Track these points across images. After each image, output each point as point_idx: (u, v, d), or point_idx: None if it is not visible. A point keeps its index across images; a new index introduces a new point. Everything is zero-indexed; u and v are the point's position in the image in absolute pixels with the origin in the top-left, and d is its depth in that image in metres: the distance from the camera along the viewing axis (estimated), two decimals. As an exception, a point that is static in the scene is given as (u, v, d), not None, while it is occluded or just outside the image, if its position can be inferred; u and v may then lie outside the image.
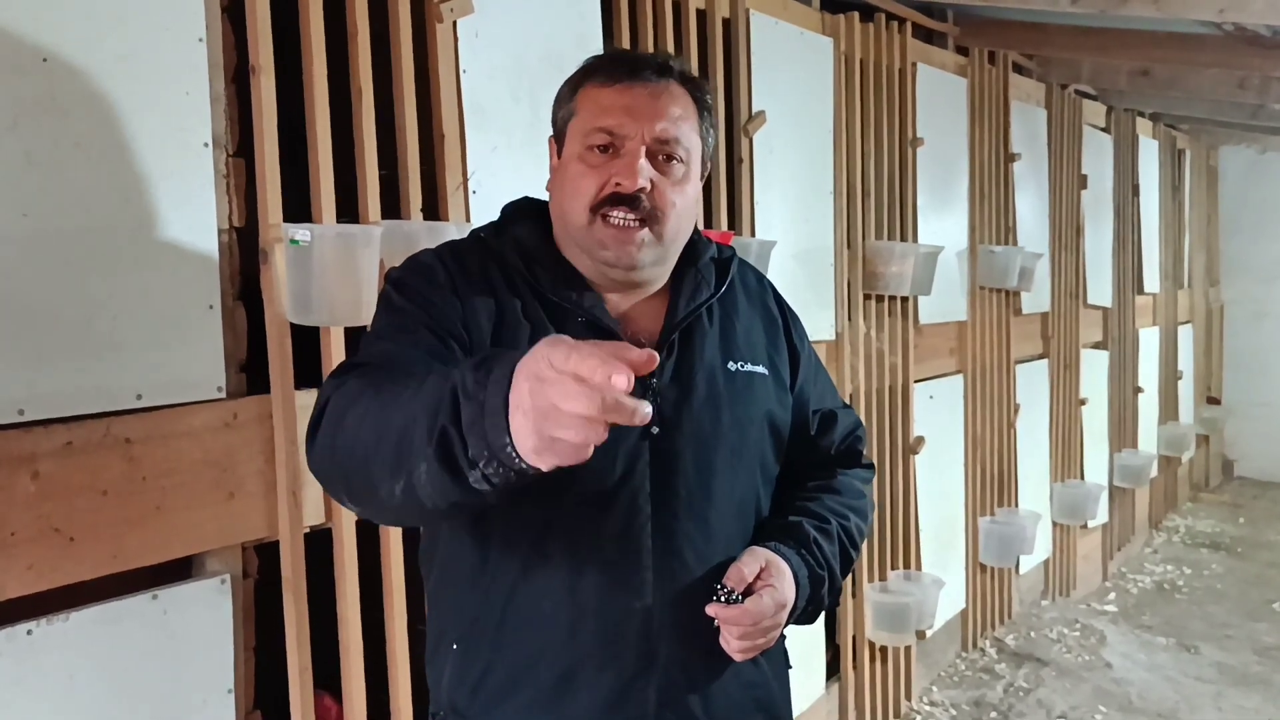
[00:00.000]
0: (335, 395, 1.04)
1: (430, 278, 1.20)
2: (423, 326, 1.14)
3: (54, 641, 1.47)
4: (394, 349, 1.10)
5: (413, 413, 0.91)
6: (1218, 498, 6.99)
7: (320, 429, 1.05)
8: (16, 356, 1.43)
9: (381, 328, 1.18)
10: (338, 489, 1.05)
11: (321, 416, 1.05)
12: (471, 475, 0.86)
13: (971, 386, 4.02)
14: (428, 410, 0.89)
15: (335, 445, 1.01)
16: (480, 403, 0.84)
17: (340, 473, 1.02)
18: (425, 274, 1.21)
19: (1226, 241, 7.41)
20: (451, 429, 0.86)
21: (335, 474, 1.03)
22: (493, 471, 0.85)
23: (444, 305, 1.17)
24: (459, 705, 1.24)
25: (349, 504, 1.05)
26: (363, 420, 0.97)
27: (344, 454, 0.99)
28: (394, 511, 1.00)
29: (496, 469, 0.85)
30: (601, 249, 1.19)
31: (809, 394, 1.40)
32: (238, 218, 1.72)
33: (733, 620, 1.16)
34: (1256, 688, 3.90)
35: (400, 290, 1.19)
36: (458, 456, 0.86)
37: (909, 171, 3.56)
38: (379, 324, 1.19)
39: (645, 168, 1.17)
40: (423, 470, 0.89)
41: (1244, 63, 3.73)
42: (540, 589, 1.18)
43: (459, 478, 0.87)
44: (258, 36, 1.72)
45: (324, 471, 1.05)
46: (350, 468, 0.99)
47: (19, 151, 1.43)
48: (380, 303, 1.22)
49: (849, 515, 1.34)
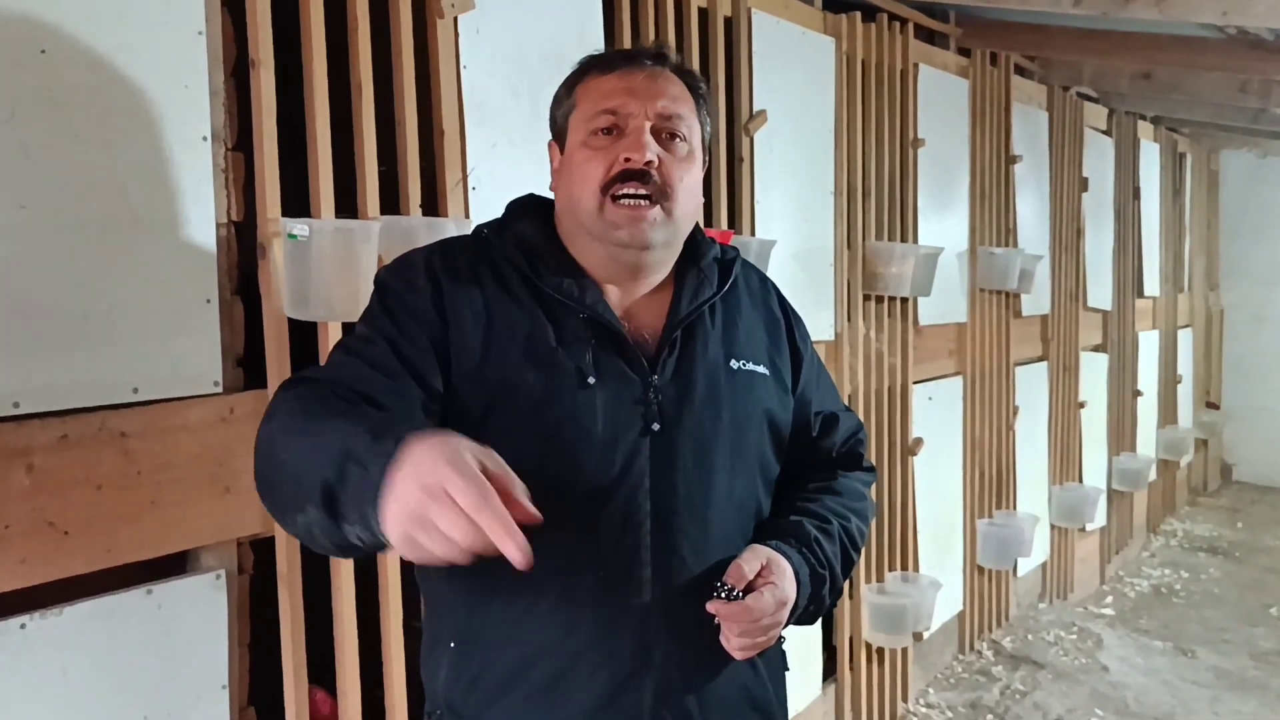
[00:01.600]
0: (277, 411, 1.09)
1: (412, 282, 1.21)
2: (384, 340, 1.16)
3: (47, 636, 1.46)
4: (346, 366, 1.15)
5: (316, 459, 0.96)
6: (1216, 502, 6.99)
7: (261, 434, 1.10)
8: (12, 349, 1.42)
9: (351, 337, 1.21)
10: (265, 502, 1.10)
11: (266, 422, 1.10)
12: (347, 530, 0.93)
13: (970, 388, 4.02)
14: (329, 461, 0.94)
15: (260, 468, 1.08)
16: (364, 472, 0.90)
17: (265, 491, 1.08)
18: (408, 278, 1.22)
19: (1227, 246, 7.40)
20: (336, 488, 0.93)
21: (262, 490, 1.09)
22: (362, 534, 0.92)
23: (419, 315, 1.18)
24: (455, 703, 1.23)
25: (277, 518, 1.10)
26: (281, 452, 1.03)
27: (265, 478, 1.07)
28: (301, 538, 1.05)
29: (366, 535, 0.91)
30: (615, 229, 1.19)
31: (811, 395, 1.39)
32: (236, 212, 1.71)
33: (733, 617, 1.15)
34: (1253, 692, 3.89)
35: (381, 295, 1.22)
36: (338, 511, 0.93)
37: (910, 172, 3.55)
38: (355, 333, 1.22)
39: (651, 142, 1.19)
40: (311, 513, 0.96)
41: (1246, 66, 3.73)
42: (537, 586, 1.17)
43: (338, 528, 0.94)
44: (258, 30, 1.72)
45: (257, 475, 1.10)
46: (269, 491, 1.06)
47: (16, 143, 1.42)
48: (367, 307, 1.24)
49: (850, 516, 1.33)
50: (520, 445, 1.16)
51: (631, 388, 1.19)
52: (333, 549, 1.01)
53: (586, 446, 1.17)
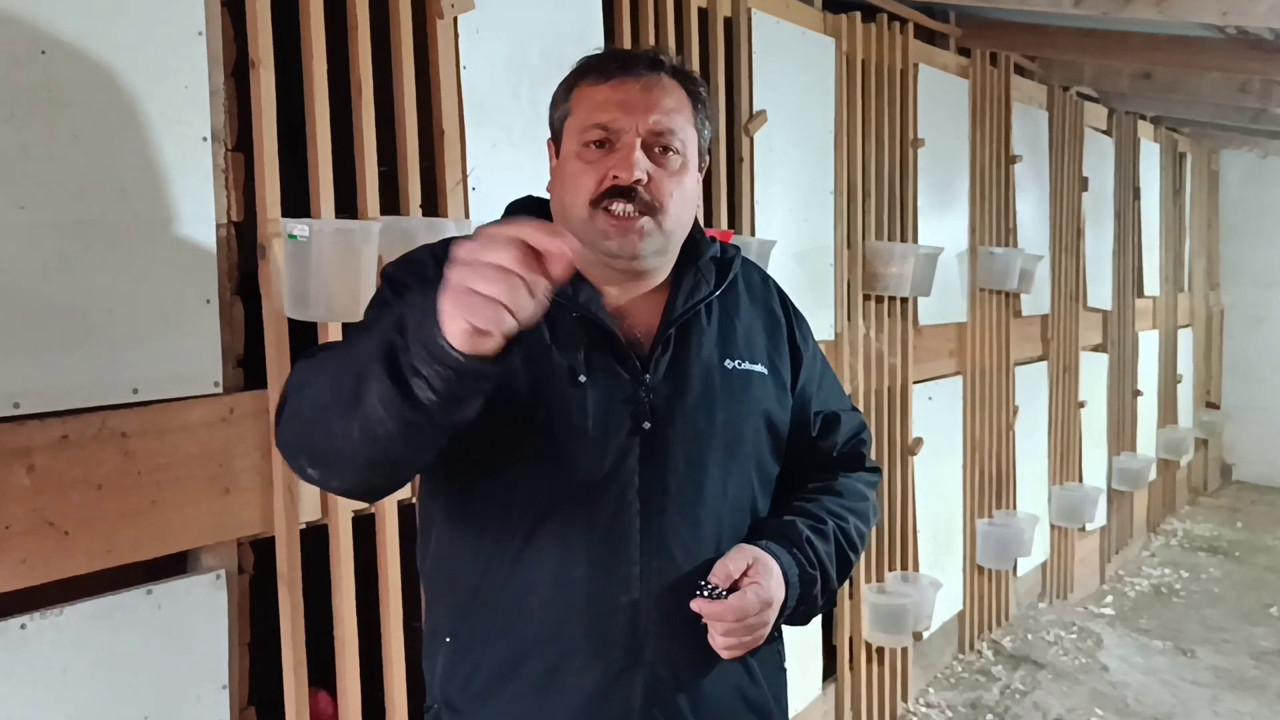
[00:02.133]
0: (300, 367, 1.09)
1: (420, 274, 1.21)
2: None
3: (47, 636, 1.46)
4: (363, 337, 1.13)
5: (366, 346, 0.96)
6: (1216, 502, 6.99)
7: (286, 403, 1.09)
8: (12, 349, 1.42)
9: (365, 321, 1.20)
10: (299, 454, 1.07)
11: (287, 393, 1.09)
12: (415, 383, 0.91)
13: (970, 388, 4.02)
14: (378, 342, 0.94)
15: (299, 410, 1.05)
16: (421, 314, 0.90)
17: (302, 432, 1.05)
18: (416, 270, 1.22)
19: (1227, 246, 7.41)
20: (396, 339, 0.92)
21: (297, 435, 1.06)
22: (432, 374, 0.90)
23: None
24: (452, 699, 1.24)
25: (310, 470, 1.07)
26: (321, 374, 1.02)
27: (305, 412, 1.03)
28: (354, 459, 1.01)
29: (434, 369, 0.89)
30: (604, 240, 1.19)
31: (811, 395, 1.39)
32: (236, 212, 1.71)
33: (716, 616, 1.16)
34: (1253, 692, 3.89)
35: (391, 286, 1.21)
36: (402, 366, 0.91)
37: (910, 172, 3.55)
38: (365, 318, 1.21)
39: (641, 160, 1.18)
40: (374, 391, 0.93)
41: (1246, 66, 3.73)
42: (529, 583, 1.19)
43: (406, 391, 0.91)
44: (257, 30, 1.72)
45: (287, 439, 1.08)
46: (311, 422, 1.03)
47: (16, 143, 1.42)
48: (373, 298, 1.24)
49: (848, 517, 1.33)
50: (511, 441, 1.17)
51: (623, 386, 1.20)
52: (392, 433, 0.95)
53: (577, 444, 1.17)
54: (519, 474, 1.17)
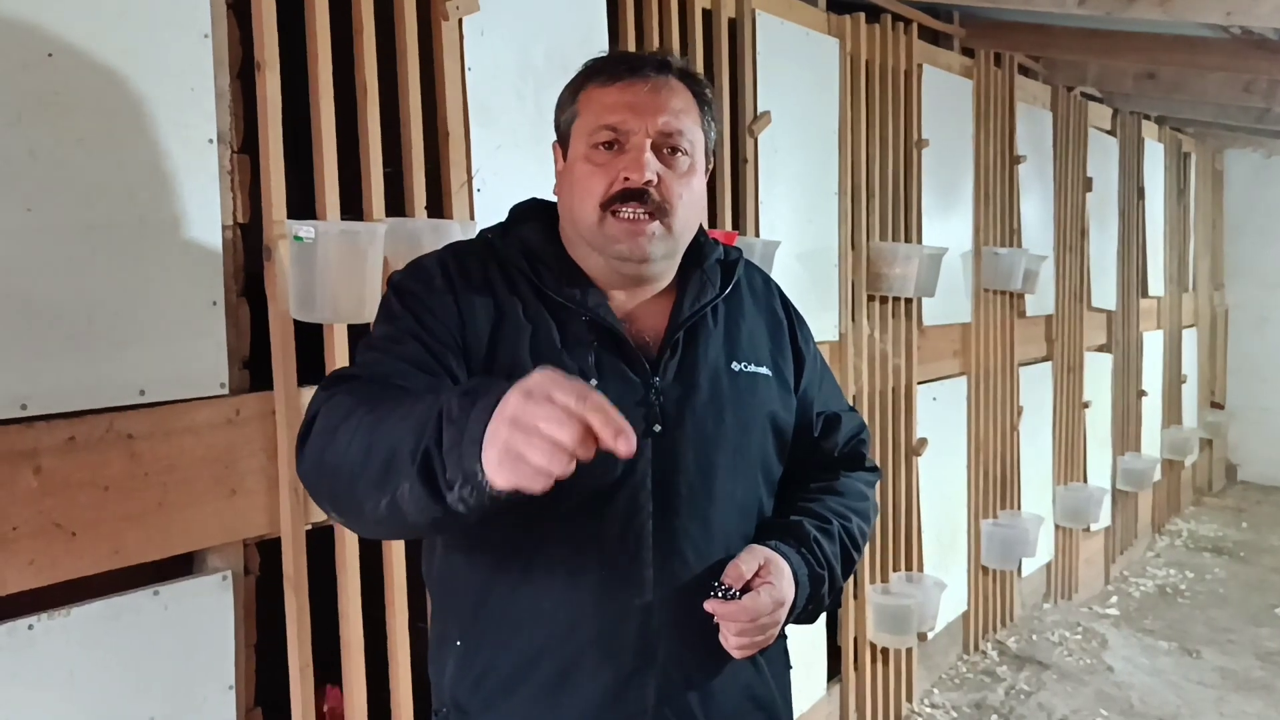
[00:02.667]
0: (325, 408, 1.08)
1: (429, 283, 1.22)
2: (412, 338, 1.16)
3: (55, 637, 1.47)
4: (385, 362, 1.14)
5: (401, 434, 0.95)
6: (1221, 502, 6.98)
7: (309, 441, 1.09)
8: (19, 351, 1.43)
9: (375, 338, 1.20)
10: (324, 500, 1.09)
11: (311, 428, 1.09)
12: (449, 496, 0.91)
13: (975, 389, 4.01)
14: (414, 431, 0.94)
15: (324, 459, 1.05)
16: (461, 429, 0.90)
17: (327, 486, 1.06)
18: (424, 279, 1.22)
19: (1231, 245, 7.39)
20: (434, 450, 0.91)
21: (322, 487, 1.07)
22: (467, 494, 0.90)
23: (440, 313, 1.19)
24: (461, 701, 1.25)
25: (333, 515, 1.11)
26: (353, 437, 1.01)
27: (331, 469, 1.04)
28: (378, 525, 1.04)
29: (470, 493, 0.90)
30: (614, 243, 1.20)
31: (813, 396, 1.40)
32: (242, 214, 1.72)
33: (730, 616, 1.16)
34: (1258, 693, 3.89)
35: (399, 296, 1.22)
36: (438, 478, 0.91)
37: (914, 173, 3.55)
38: (375, 332, 1.21)
39: (651, 161, 1.19)
40: (406, 489, 0.94)
41: (1250, 66, 3.72)
42: (541, 585, 1.19)
43: (438, 498, 0.92)
44: (263, 32, 1.72)
45: (311, 482, 1.10)
46: (337, 482, 1.04)
47: (23, 147, 1.43)
48: (381, 308, 1.24)
49: (851, 516, 1.34)
50: None
51: (633, 389, 1.20)
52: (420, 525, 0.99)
53: None
54: None
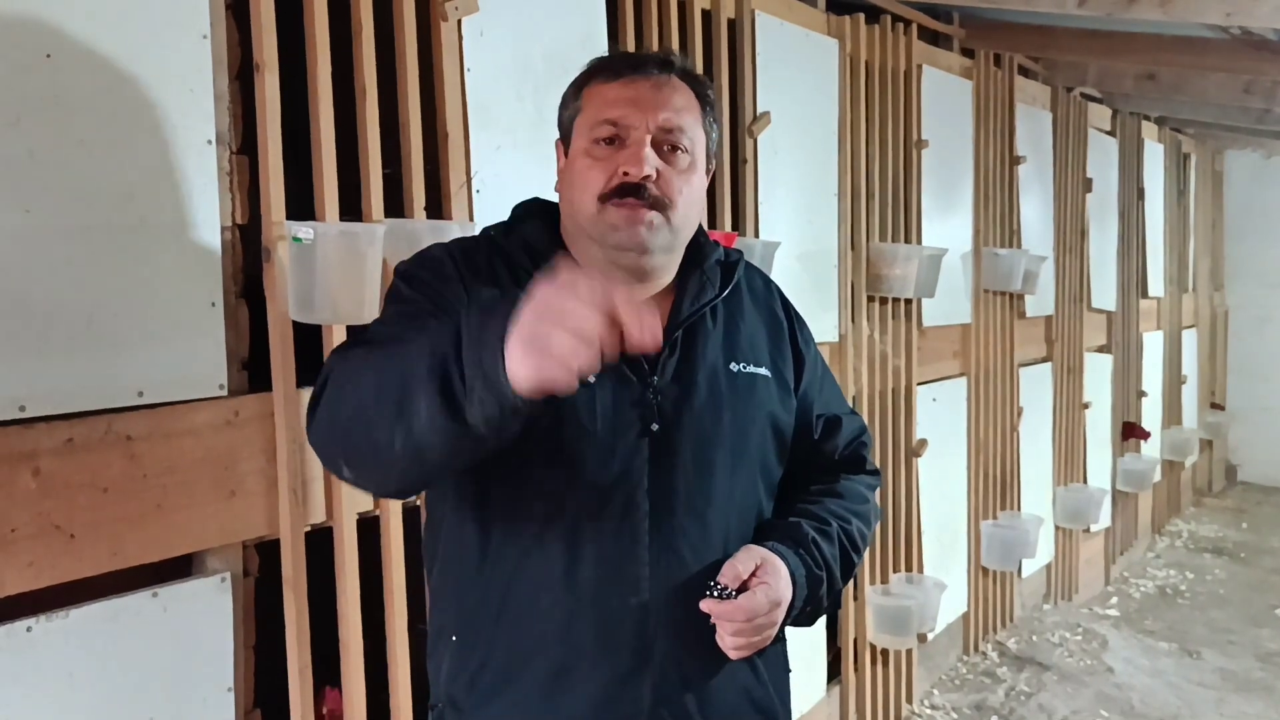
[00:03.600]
0: (337, 366, 1.08)
1: (439, 270, 1.22)
2: (428, 316, 1.16)
3: (53, 639, 1.47)
4: (398, 331, 1.13)
5: (415, 356, 0.96)
6: (1221, 503, 6.98)
7: (321, 400, 1.09)
8: (18, 353, 1.42)
9: (387, 315, 1.20)
10: (336, 456, 1.08)
11: (324, 390, 1.09)
12: (468, 409, 0.91)
13: (975, 389, 4.01)
14: (430, 349, 0.94)
15: (336, 412, 1.05)
16: (481, 329, 0.91)
17: (341, 435, 1.05)
18: (434, 267, 1.23)
19: (1231, 246, 7.40)
20: (451, 357, 0.92)
21: (335, 438, 1.07)
22: (488, 402, 0.90)
23: (451, 297, 1.18)
24: (456, 698, 1.25)
25: (347, 471, 1.08)
26: (363, 377, 1.01)
27: (345, 416, 1.03)
28: (394, 467, 1.02)
29: (490, 399, 0.90)
30: (613, 231, 1.20)
31: (813, 398, 1.40)
32: (241, 215, 1.72)
33: (725, 616, 1.16)
34: (1259, 694, 3.89)
35: (408, 282, 1.22)
36: (454, 386, 0.91)
37: (914, 173, 3.55)
38: (385, 312, 1.21)
39: (651, 156, 1.19)
40: (423, 409, 0.94)
41: (1250, 67, 3.73)
42: (537, 583, 1.19)
43: (456, 412, 0.92)
44: (262, 33, 1.72)
45: (324, 440, 1.09)
46: (351, 427, 1.03)
47: (22, 148, 1.43)
48: (388, 294, 1.24)
49: (851, 519, 1.34)
50: (520, 442, 1.17)
51: (631, 388, 1.20)
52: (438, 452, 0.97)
53: (585, 446, 1.18)
54: (528, 475, 1.18)
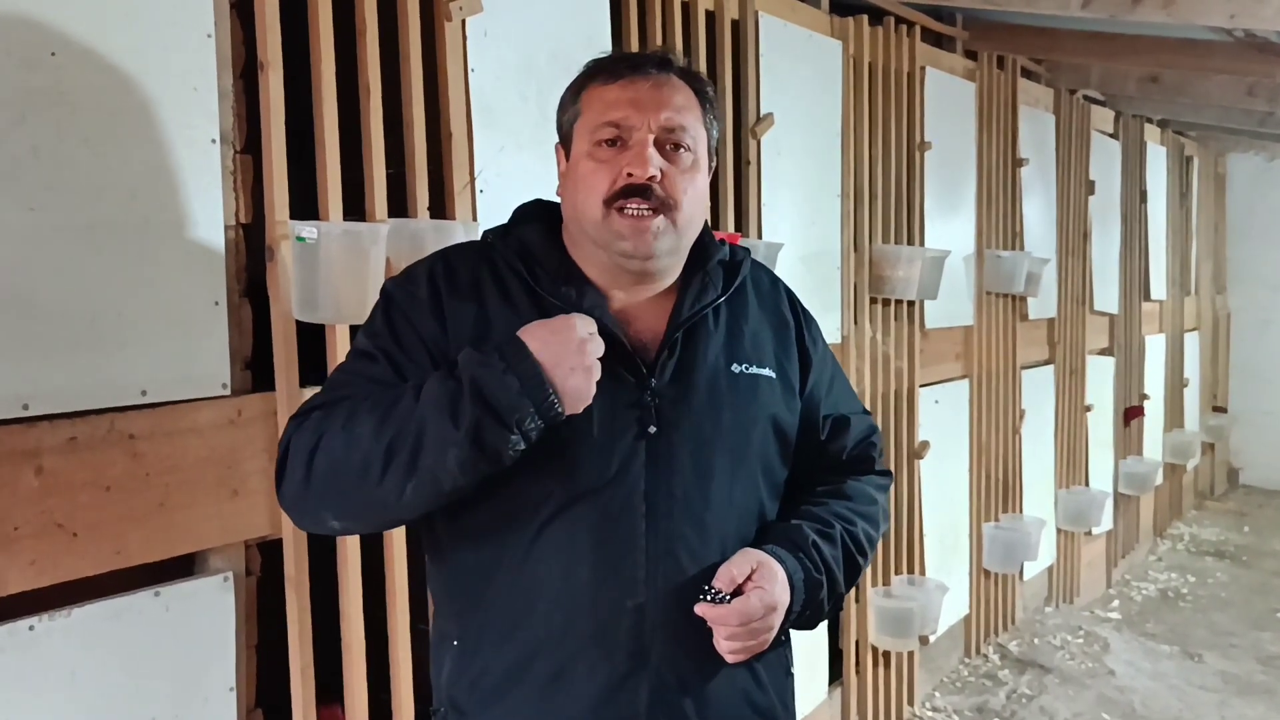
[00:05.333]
0: (296, 435, 1.15)
1: (413, 294, 1.24)
2: (384, 356, 1.21)
3: (56, 637, 1.46)
4: (352, 385, 1.20)
5: (417, 418, 1.07)
6: (1223, 506, 6.97)
7: (287, 468, 1.15)
8: (21, 351, 1.42)
9: (351, 354, 1.26)
10: (322, 513, 1.15)
11: (286, 457, 1.15)
12: (513, 439, 1.06)
13: (977, 391, 4.01)
14: (439, 408, 1.06)
15: (311, 477, 1.12)
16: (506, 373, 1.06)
17: (325, 497, 1.13)
18: (410, 290, 1.25)
19: (1234, 249, 7.39)
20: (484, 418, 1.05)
21: (317, 500, 1.14)
22: (533, 428, 1.07)
23: (421, 327, 1.22)
24: (458, 701, 1.24)
25: (336, 523, 1.17)
26: (349, 441, 1.09)
27: (327, 479, 1.11)
28: (396, 510, 1.11)
29: (536, 423, 1.07)
30: (619, 240, 1.20)
31: (819, 398, 1.38)
32: (244, 214, 1.72)
33: (719, 620, 1.16)
34: (1261, 697, 3.88)
35: (385, 307, 1.26)
36: (490, 436, 1.05)
37: (916, 175, 3.55)
38: (356, 343, 1.26)
39: (654, 156, 1.19)
40: (452, 457, 1.06)
41: (1253, 69, 3.72)
42: (535, 586, 1.19)
43: (496, 456, 1.07)
44: (266, 33, 1.72)
45: (302, 503, 1.16)
46: (341, 488, 1.11)
47: (26, 146, 1.43)
48: (371, 313, 1.28)
49: (856, 521, 1.33)
50: None
51: (628, 390, 1.20)
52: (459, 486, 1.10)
53: (582, 448, 1.18)
54: (525, 477, 1.17)
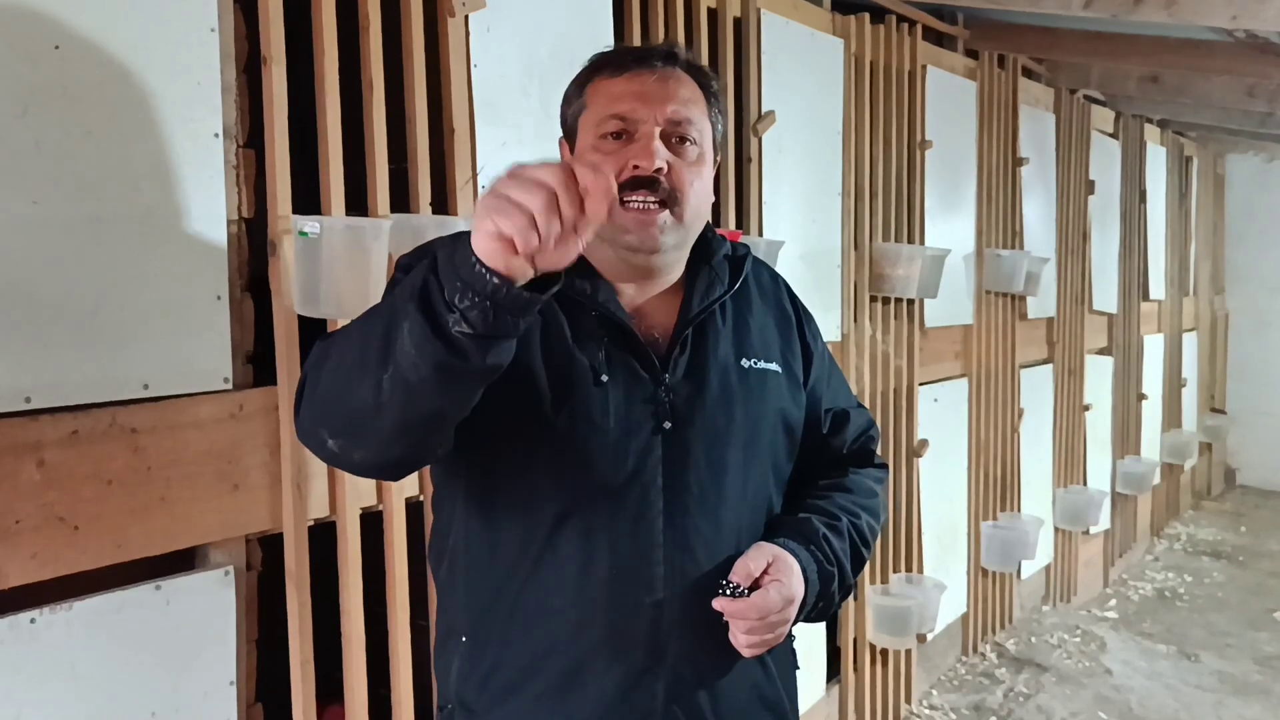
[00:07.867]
0: (317, 347, 1.09)
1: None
2: None
3: (57, 631, 1.47)
4: None
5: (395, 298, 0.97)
6: (1220, 506, 6.98)
7: (305, 383, 1.08)
8: (23, 344, 1.42)
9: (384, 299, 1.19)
10: (320, 428, 1.06)
11: (305, 377, 1.09)
12: (450, 317, 0.91)
13: (976, 390, 4.01)
14: (411, 284, 0.95)
15: (318, 382, 1.05)
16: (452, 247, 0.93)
17: (323, 404, 1.05)
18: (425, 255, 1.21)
19: (1232, 249, 7.39)
20: (430, 277, 0.93)
21: (321, 412, 1.05)
22: (468, 305, 0.90)
23: None
24: (467, 699, 1.24)
25: (332, 443, 1.06)
26: (343, 340, 1.03)
27: (326, 383, 1.03)
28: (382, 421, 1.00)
29: (471, 300, 0.90)
30: (624, 234, 1.19)
31: (821, 392, 1.40)
32: (247, 209, 1.71)
33: (738, 614, 1.16)
34: (1257, 697, 3.89)
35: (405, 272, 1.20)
36: (434, 300, 0.92)
37: (917, 174, 3.55)
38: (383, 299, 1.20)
39: (661, 149, 1.18)
40: (406, 334, 0.93)
41: (1254, 70, 3.72)
42: (550, 583, 1.18)
43: (440, 328, 0.91)
44: (269, 27, 1.72)
45: (311, 418, 1.07)
46: (332, 391, 1.03)
47: (29, 139, 1.43)
48: (388, 286, 1.23)
49: (860, 513, 1.33)
50: (532, 440, 1.17)
51: (643, 386, 1.20)
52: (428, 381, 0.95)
53: (599, 444, 1.17)
54: (541, 474, 1.17)
